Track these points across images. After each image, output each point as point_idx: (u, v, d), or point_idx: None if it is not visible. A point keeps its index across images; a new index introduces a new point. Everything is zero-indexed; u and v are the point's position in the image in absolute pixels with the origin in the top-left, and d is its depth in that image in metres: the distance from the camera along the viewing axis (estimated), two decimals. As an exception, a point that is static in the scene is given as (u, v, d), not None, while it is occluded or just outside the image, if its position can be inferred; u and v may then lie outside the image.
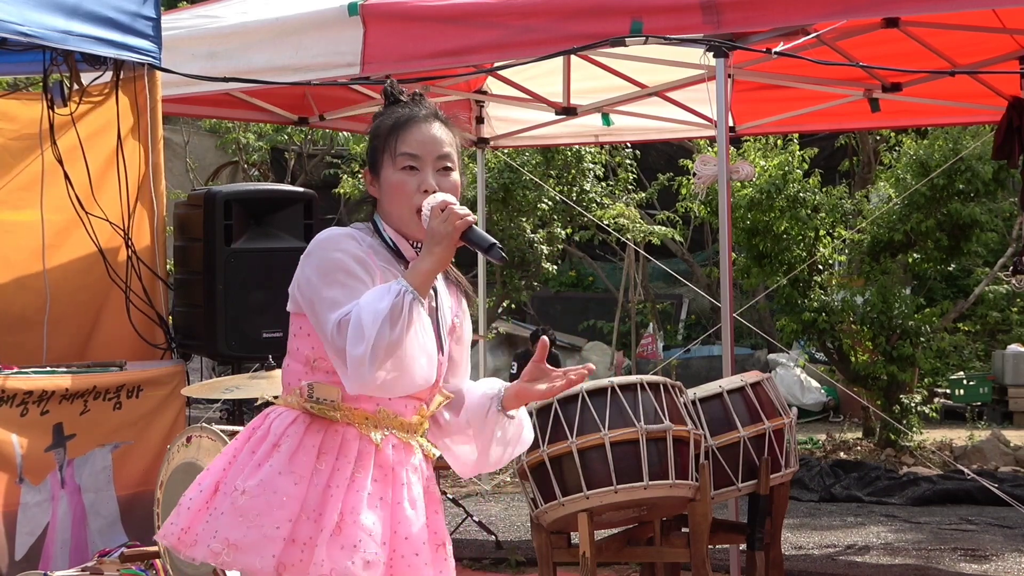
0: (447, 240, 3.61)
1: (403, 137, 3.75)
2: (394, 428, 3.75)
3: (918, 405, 14.78)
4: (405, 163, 3.74)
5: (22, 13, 6.17)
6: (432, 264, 3.60)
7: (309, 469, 3.63)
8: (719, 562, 8.26)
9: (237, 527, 3.58)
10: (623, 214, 17.08)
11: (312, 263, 3.65)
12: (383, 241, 3.78)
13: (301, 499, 3.60)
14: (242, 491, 3.60)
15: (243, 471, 3.65)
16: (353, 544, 3.58)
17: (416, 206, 3.71)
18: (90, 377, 6.67)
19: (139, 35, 6.92)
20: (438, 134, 3.82)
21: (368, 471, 3.67)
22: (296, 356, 3.77)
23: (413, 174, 3.74)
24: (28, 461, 6.38)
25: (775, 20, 7.30)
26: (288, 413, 3.71)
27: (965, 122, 13.16)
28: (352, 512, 3.61)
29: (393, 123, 3.77)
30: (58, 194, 7.16)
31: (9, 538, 6.29)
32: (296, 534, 3.58)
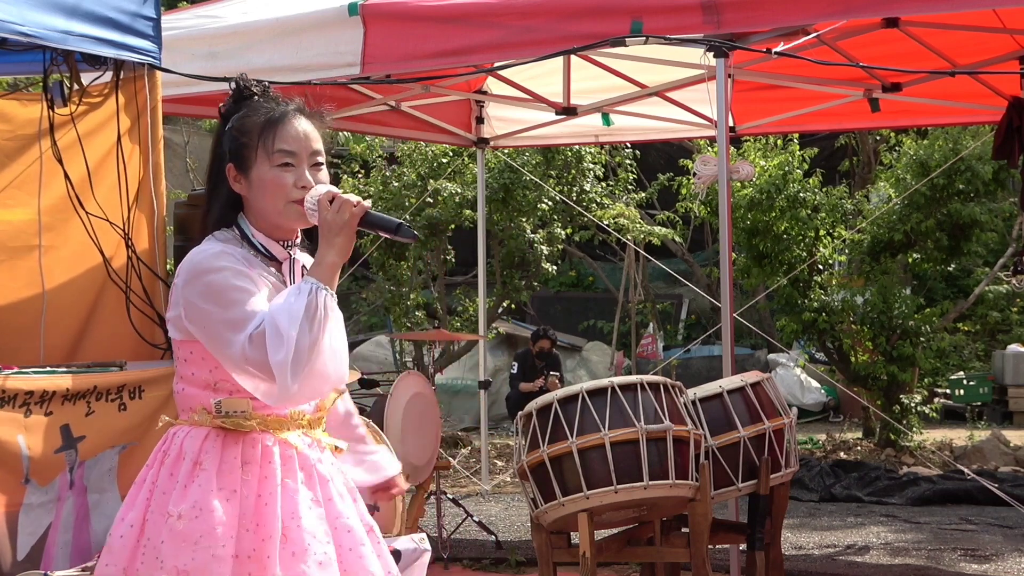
0: (346, 229, 3.61)
1: (279, 134, 3.71)
2: (303, 426, 3.75)
3: (918, 405, 14.79)
4: (281, 160, 3.71)
5: (22, 13, 6.16)
6: (336, 256, 3.59)
7: (237, 482, 3.61)
8: (719, 562, 8.26)
9: (182, 552, 3.53)
10: (623, 214, 17.08)
11: (196, 289, 3.61)
12: (252, 247, 3.74)
13: (236, 513, 3.57)
14: (177, 515, 3.55)
15: (169, 495, 3.60)
16: (303, 549, 3.58)
17: (291, 199, 3.70)
18: (91, 377, 6.66)
19: (139, 35, 6.91)
20: (309, 130, 3.78)
21: (296, 474, 3.67)
22: (192, 381, 3.74)
23: (289, 171, 3.71)
24: (36, 462, 6.37)
25: (775, 20, 7.30)
26: (197, 431, 3.67)
27: (965, 122, 13.16)
28: (293, 517, 3.61)
29: (265, 120, 3.73)
30: (55, 194, 7.15)
31: (11, 538, 6.29)
32: (239, 549, 3.55)
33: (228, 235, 3.75)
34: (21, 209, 7.24)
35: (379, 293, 17.64)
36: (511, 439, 15.01)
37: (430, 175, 16.01)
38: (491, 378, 14.49)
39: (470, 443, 15.98)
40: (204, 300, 3.59)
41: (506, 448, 15.51)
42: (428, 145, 15.87)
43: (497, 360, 18.85)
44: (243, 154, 3.72)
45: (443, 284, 17.75)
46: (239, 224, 3.76)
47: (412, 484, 8.79)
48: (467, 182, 16.09)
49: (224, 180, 3.76)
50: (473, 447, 15.61)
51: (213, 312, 3.57)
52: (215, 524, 3.53)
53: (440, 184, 15.92)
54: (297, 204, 3.69)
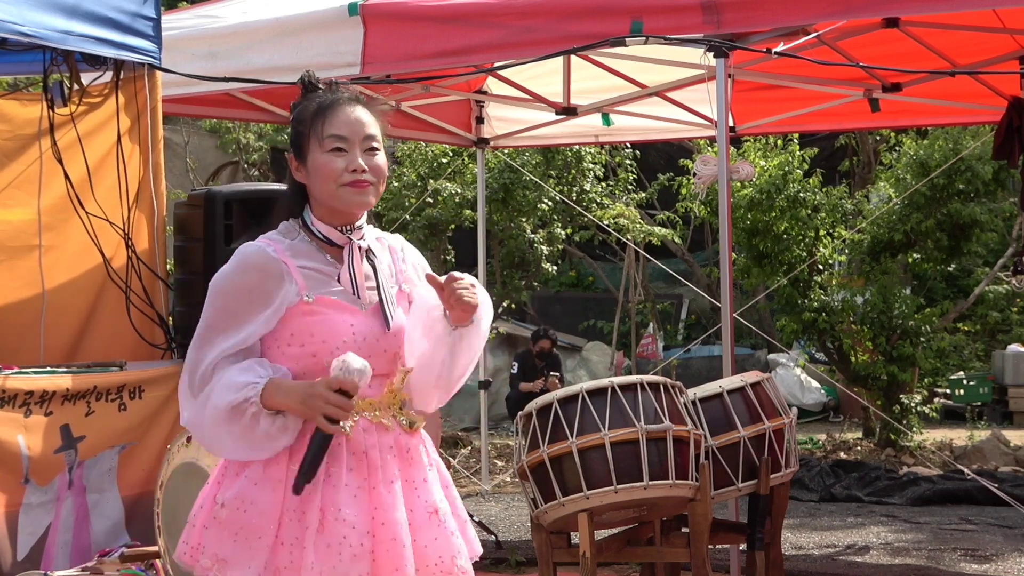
0: (311, 415, 3.62)
1: (329, 119, 3.79)
2: (364, 411, 3.77)
3: (918, 405, 14.79)
4: (333, 144, 3.78)
5: (22, 13, 6.17)
6: (290, 407, 3.65)
7: (283, 472, 3.69)
8: (719, 562, 8.26)
9: (222, 541, 3.67)
10: (623, 214, 17.08)
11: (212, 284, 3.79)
12: (311, 234, 3.84)
13: (280, 502, 3.66)
14: (222, 504, 3.69)
15: (226, 482, 3.75)
16: (339, 540, 3.64)
17: (342, 183, 3.77)
18: (91, 377, 6.67)
19: (139, 35, 6.92)
20: (362, 116, 3.83)
21: (342, 463, 3.71)
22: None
23: (340, 155, 3.78)
24: (35, 462, 6.37)
25: (775, 20, 7.29)
26: None
27: (965, 122, 13.16)
28: (333, 507, 3.66)
29: (317, 107, 3.82)
30: (55, 194, 7.16)
31: (11, 538, 6.29)
32: (282, 536, 3.65)
33: (290, 225, 3.87)
34: (21, 209, 7.25)
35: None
36: (511, 439, 15.01)
37: (430, 175, 16.02)
38: (491, 378, 14.49)
39: (470, 443, 15.97)
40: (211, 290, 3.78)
41: (506, 448, 15.51)
42: (428, 145, 15.89)
43: (497, 360, 18.85)
44: (300, 143, 3.83)
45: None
46: (303, 214, 3.86)
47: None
48: (467, 182, 16.10)
49: (289, 171, 3.89)
50: (473, 447, 15.60)
51: (206, 308, 3.76)
52: (254, 516, 3.65)
53: (440, 184, 15.93)
54: (349, 187, 3.76)
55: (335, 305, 3.77)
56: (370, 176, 3.78)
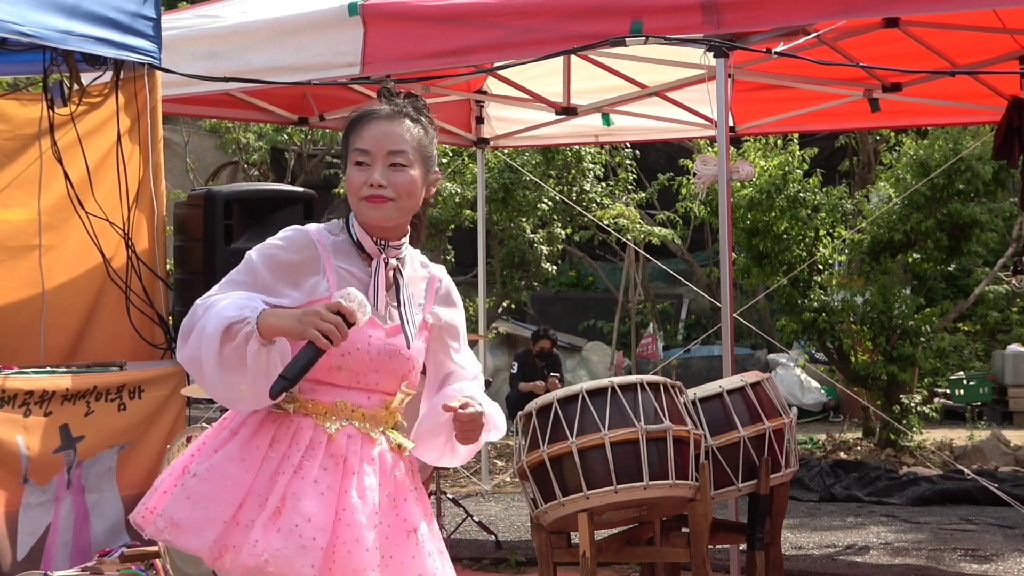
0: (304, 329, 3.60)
1: (357, 133, 3.81)
2: (354, 419, 3.80)
3: (918, 405, 14.79)
4: (356, 159, 3.80)
5: (22, 13, 6.17)
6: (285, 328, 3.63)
7: (260, 456, 3.72)
8: (719, 562, 8.26)
9: (182, 507, 3.69)
10: (623, 214, 17.07)
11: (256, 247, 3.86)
12: (349, 237, 3.86)
13: (248, 484, 3.68)
14: (193, 474, 3.72)
15: (202, 454, 3.77)
16: (289, 528, 3.63)
17: (361, 196, 3.78)
18: (90, 377, 6.67)
19: (139, 35, 6.92)
20: (394, 130, 3.81)
21: (317, 459, 3.72)
22: None
23: (363, 169, 3.79)
24: (34, 462, 6.38)
25: (775, 20, 7.29)
26: None
27: (965, 122, 13.16)
28: (293, 497, 3.66)
29: (351, 121, 3.85)
30: (55, 193, 7.16)
31: (11, 538, 6.29)
32: (240, 516, 3.66)
33: (338, 224, 3.91)
34: (21, 209, 7.25)
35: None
36: (511, 439, 15.00)
37: (430, 175, 15.98)
38: (491, 378, 14.47)
39: (470, 443, 15.95)
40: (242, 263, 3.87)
41: (506, 448, 15.50)
42: (428, 145, 15.84)
43: (497, 360, 18.85)
44: (343, 155, 3.90)
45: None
46: (349, 216, 3.88)
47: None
48: (467, 182, 16.09)
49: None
50: (473, 447, 15.59)
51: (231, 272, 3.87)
52: (222, 489, 3.66)
53: (440, 184, 15.91)
54: (366, 201, 3.77)
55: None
56: (389, 192, 3.76)
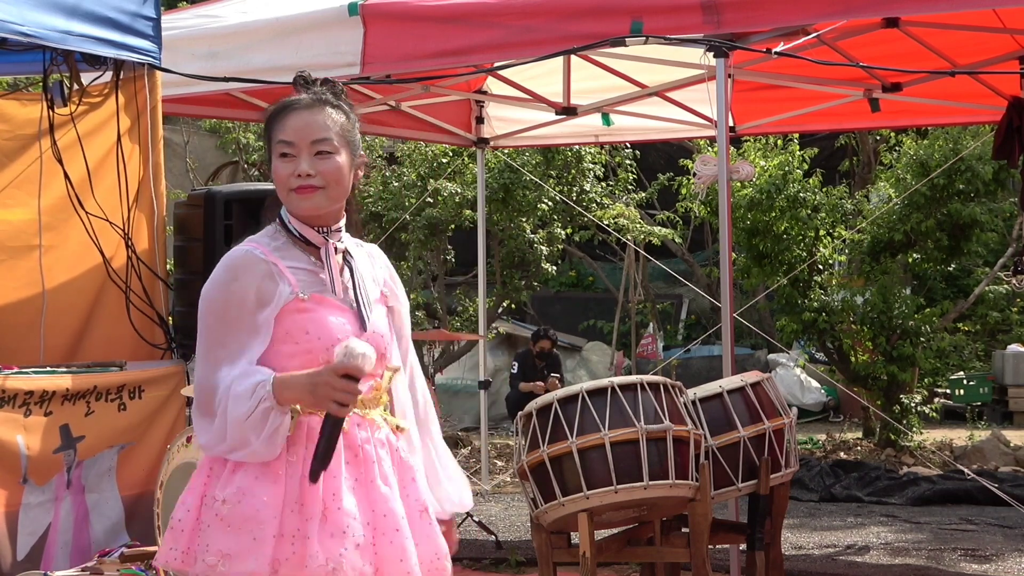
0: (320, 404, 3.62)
1: (279, 126, 3.79)
2: (356, 408, 3.76)
3: (918, 405, 14.78)
4: (281, 151, 3.77)
5: (22, 13, 6.17)
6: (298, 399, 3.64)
7: (282, 464, 3.67)
8: (719, 562, 8.26)
9: (226, 536, 3.63)
10: (623, 214, 17.07)
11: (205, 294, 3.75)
12: (290, 235, 3.82)
13: (281, 495, 3.64)
14: (222, 500, 3.66)
15: (220, 481, 3.70)
16: (342, 530, 3.63)
17: (290, 188, 3.76)
18: (91, 377, 6.67)
19: (139, 35, 6.91)
20: (316, 118, 3.79)
21: (340, 455, 3.69)
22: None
23: (290, 160, 3.76)
24: (34, 462, 6.38)
25: (775, 20, 7.29)
26: None
27: (965, 122, 13.16)
28: (334, 498, 3.66)
29: (271, 114, 3.83)
30: (55, 193, 7.15)
31: (11, 538, 6.29)
32: (284, 528, 3.63)
33: (274, 228, 3.85)
34: (21, 209, 7.25)
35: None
36: (511, 439, 15.01)
37: (430, 175, 16.00)
38: (491, 378, 14.48)
39: (470, 443, 15.97)
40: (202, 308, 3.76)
41: (506, 448, 15.51)
42: (428, 145, 15.87)
43: (497, 360, 18.84)
44: (266, 148, 3.87)
45: (443, 284, 17.75)
46: (280, 214, 3.85)
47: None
48: (467, 182, 16.09)
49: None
50: (473, 447, 15.60)
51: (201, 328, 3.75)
52: (257, 507, 3.62)
53: (440, 184, 15.92)
54: (295, 192, 3.75)
55: (329, 303, 3.76)
56: (317, 180, 3.74)
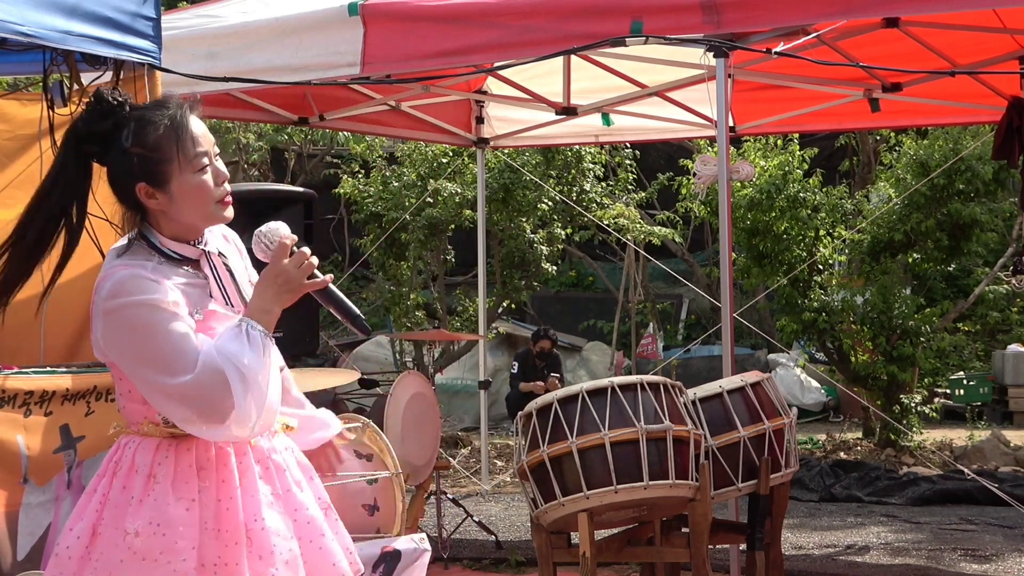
0: (301, 291, 3.59)
1: (191, 137, 3.61)
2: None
3: (918, 405, 14.79)
4: (201, 163, 3.63)
5: (22, 13, 6.16)
6: (280, 308, 3.59)
7: (194, 490, 3.55)
8: (719, 562, 8.26)
9: (142, 571, 3.48)
10: (623, 214, 17.08)
11: (123, 320, 3.52)
12: (162, 255, 3.64)
13: (197, 522, 3.52)
14: (135, 533, 3.49)
15: (124, 511, 3.54)
16: (269, 551, 3.56)
17: (218, 199, 3.65)
18: (90, 377, 6.66)
19: (139, 35, 6.90)
20: (203, 125, 3.70)
21: (253, 471, 3.62)
22: (131, 398, 3.66)
23: (208, 171, 3.64)
24: (34, 462, 6.37)
25: (775, 20, 7.29)
26: (148, 442, 3.61)
27: (965, 122, 13.16)
28: (255, 519, 3.57)
29: (170, 128, 3.60)
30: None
31: (11, 538, 6.29)
32: (203, 558, 3.51)
33: (138, 247, 3.66)
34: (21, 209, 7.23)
35: (379, 293, 17.66)
36: (511, 439, 15.01)
37: (430, 175, 16.01)
38: (491, 378, 14.49)
39: (470, 443, 15.97)
40: (130, 334, 3.52)
41: (506, 448, 15.51)
42: (428, 145, 15.87)
43: (497, 360, 18.84)
44: (159, 169, 3.59)
45: (443, 284, 17.75)
46: (144, 235, 3.66)
47: (412, 484, 8.79)
48: (467, 182, 16.09)
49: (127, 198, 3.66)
50: (473, 447, 15.61)
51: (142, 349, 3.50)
52: (175, 538, 3.49)
53: (440, 184, 15.92)
54: (223, 204, 3.66)
55: (219, 316, 3.63)
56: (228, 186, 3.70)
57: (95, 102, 3.64)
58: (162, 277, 3.56)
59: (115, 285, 3.54)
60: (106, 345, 3.58)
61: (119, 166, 3.63)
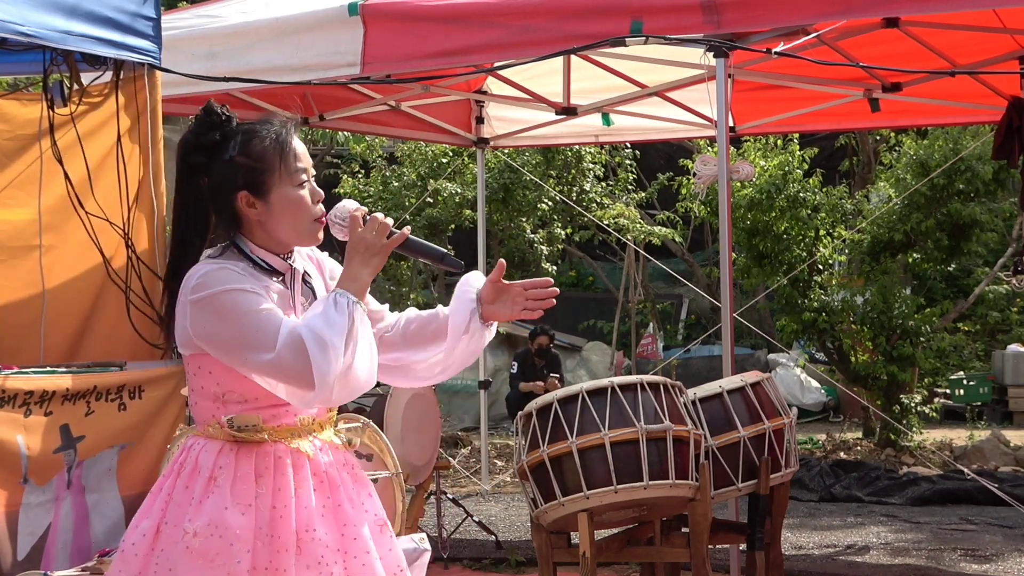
0: (385, 251, 3.69)
1: (294, 153, 3.74)
2: (313, 431, 3.78)
3: (918, 405, 14.80)
4: (301, 178, 3.74)
5: (22, 13, 6.16)
6: (370, 275, 3.67)
7: (251, 496, 3.64)
8: (719, 562, 8.26)
9: (199, 571, 3.57)
10: (623, 214, 17.09)
11: (211, 308, 3.61)
12: (252, 263, 3.73)
13: (252, 527, 3.60)
14: (193, 533, 3.58)
15: (185, 510, 3.63)
16: (317, 561, 3.63)
17: (314, 217, 3.75)
18: (90, 377, 6.66)
19: (139, 35, 6.90)
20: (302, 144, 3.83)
21: (308, 483, 3.70)
22: (202, 394, 3.76)
23: (307, 188, 3.75)
24: (34, 462, 6.37)
25: (775, 20, 7.29)
26: (212, 444, 3.70)
27: (965, 122, 13.16)
28: (307, 529, 3.65)
29: (277, 142, 3.73)
30: (55, 194, 7.14)
31: (11, 538, 6.28)
32: (255, 562, 3.59)
33: (225, 254, 3.75)
34: (21, 209, 7.23)
35: (379, 293, 17.67)
36: (511, 439, 15.01)
37: (430, 175, 16.02)
38: (491, 378, 14.49)
39: (470, 443, 15.98)
40: (219, 317, 3.60)
41: (506, 448, 15.52)
42: (428, 145, 15.89)
43: (497, 360, 18.84)
44: (262, 179, 3.71)
45: (443, 284, 17.77)
46: (236, 243, 3.76)
47: (412, 484, 8.79)
48: (467, 182, 16.11)
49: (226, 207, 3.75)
50: (473, 447, 15.61)
51: (232, 328, 3.59)
52: (230, 540, 3.57)
53: (440, 184, 15.94)
54: (319, 223, 3.75)
55: None
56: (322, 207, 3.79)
57: (204, 114, 3.77)
58: (253, 279, 3.68)
59: (201, 278, 3.64)
60: (195, 334, 3.66)
61: (223, 174, 3.73)
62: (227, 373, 3.67)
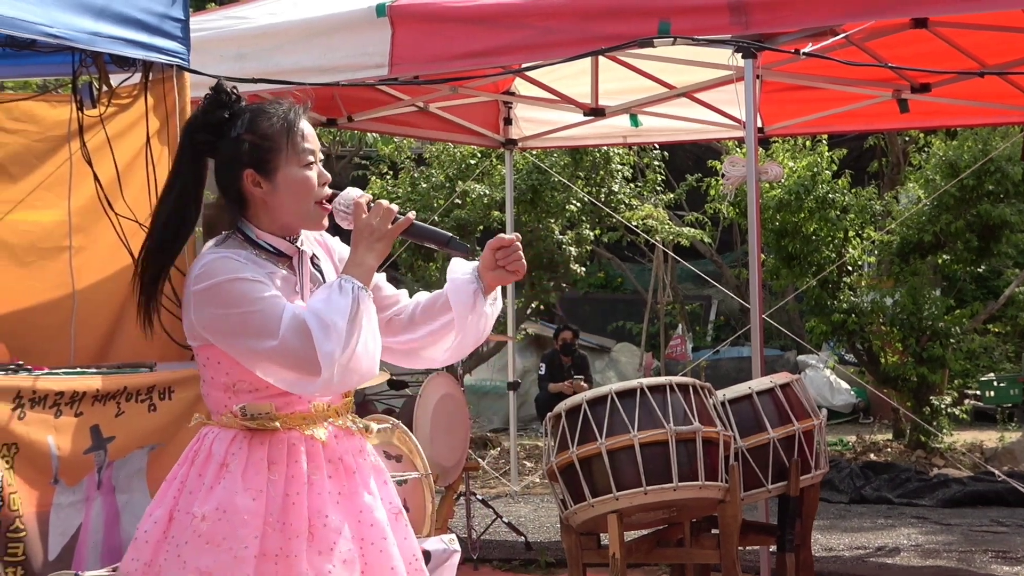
0: (389, 237, 3.68)
1: (302, 133, 3.76)
2: (328, 418, 3.77)
3: (948, 407, 14.75)
4: (307, 160, 3.74)
5: (50, 15, 6.18)
6: (375, 260, 3.66)
7: (263, 482, 3.64)
8: (749, 563, 8.25)
9: (205, 554, 3.57)
10: (651, 215, 17.07)
11: (214, 298, 3.62)
12: (258, 248, 3.74)
13: (262, 513, 3.61)
14: (201, 517, 3.59)
15: (196, 496, 3.64)
16: (329, 548, 3.62)
17: (319, 199, 3.74)
18: (121, 378, 6.67)
19: (168, 36, 6.92)
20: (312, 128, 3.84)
21: (323, 470, 3.70)
22: (214, 384, 3.78)
23: (313, 169, 3.75)
24: (64, 462, 6.39)
25: (803, 21, 7.27)
26: (225, 432, 3.71)
27: (994, 123, 13.11)
28: (319, 515, 3.65)
29: (285, 120, 3.75)
30: (85, 195, 7.16)
31: (43, 538, 6.30)
32: (265, 548, 3.59)
33: (233, 239, 3.76)
34: (51, 210, 7.26)
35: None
36: (540, 440, 15.01)
37: (458, 176, 16.03)
38: (520, 379, 14.49)
39: (499, 444, 15.98)
40: (224, 306, 3.60)
41: (535, 449, 15.52)
42: (456, 146, 15.89)
43: (526, 361, 18.85)
44: (268, 158, 3.71)
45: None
46: (240, 228, 3.76)
47: (441, 485, 8.79)
48: (495, 183, 16.10)
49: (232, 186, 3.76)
50: (502, 448, 15.61)
51: (237, 316, 3.59)
52: (238, 525, 3.58)
53: (468, 185, 15.94)
54: (321, 207, 3.74)
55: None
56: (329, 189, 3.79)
57: (213, 93, 3.78)
58: (256, 266, 3.67)
59: (204, 268, 3.65)
60: (200, 325, 3.69)
61: (229, 153, 3.73)
62: (236, 363, 3.68)
